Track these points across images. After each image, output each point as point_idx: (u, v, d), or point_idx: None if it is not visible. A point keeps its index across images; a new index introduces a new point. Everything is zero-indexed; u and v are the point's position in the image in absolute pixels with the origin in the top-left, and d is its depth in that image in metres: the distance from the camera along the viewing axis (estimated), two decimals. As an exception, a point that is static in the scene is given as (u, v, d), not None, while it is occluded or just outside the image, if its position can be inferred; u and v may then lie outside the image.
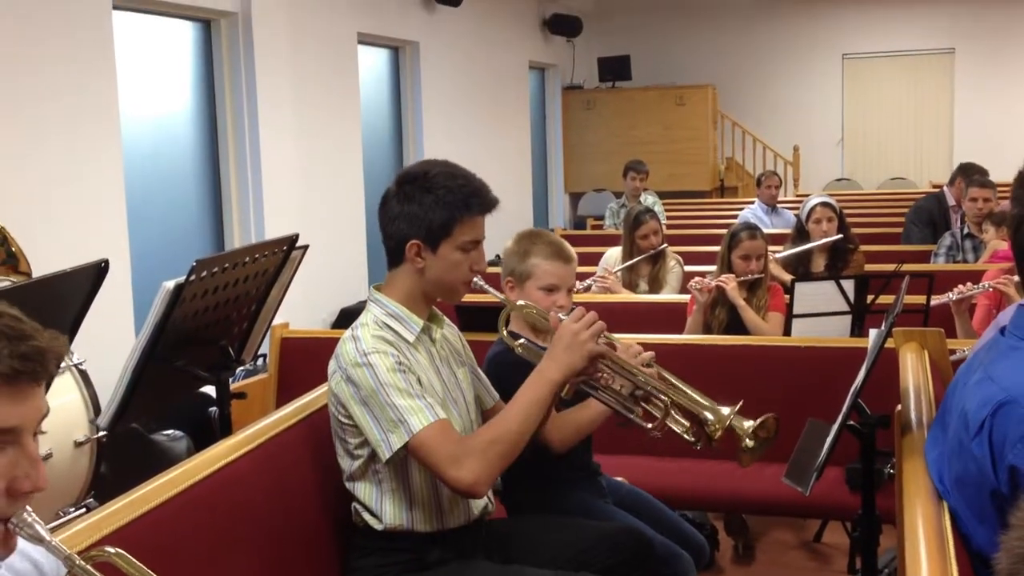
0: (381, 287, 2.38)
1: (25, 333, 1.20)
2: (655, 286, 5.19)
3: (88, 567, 1.32)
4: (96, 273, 2.80)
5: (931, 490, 1.74)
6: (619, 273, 5.24)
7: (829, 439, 2.28)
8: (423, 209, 2.27)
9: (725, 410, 2.25)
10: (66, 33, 5.17)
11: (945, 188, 6.57)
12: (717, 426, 2.24)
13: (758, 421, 2.24)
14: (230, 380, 3.24)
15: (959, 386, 1.80)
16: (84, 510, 2.83)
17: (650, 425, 2.33)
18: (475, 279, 2.34)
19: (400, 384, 2.18)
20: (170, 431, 4.40)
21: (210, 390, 3.26)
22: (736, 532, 4.10)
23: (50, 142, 5.09)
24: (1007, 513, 1.04)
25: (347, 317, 7.15)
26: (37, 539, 1.25)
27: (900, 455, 2.08)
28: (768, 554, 4.12)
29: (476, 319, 3.66)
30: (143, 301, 5.36)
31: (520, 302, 2.53)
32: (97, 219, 5.34)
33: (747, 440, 2.23)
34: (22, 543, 1.28)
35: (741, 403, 2.27)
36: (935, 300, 3.91)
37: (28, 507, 1.25)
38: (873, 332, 2.43)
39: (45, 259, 3.55)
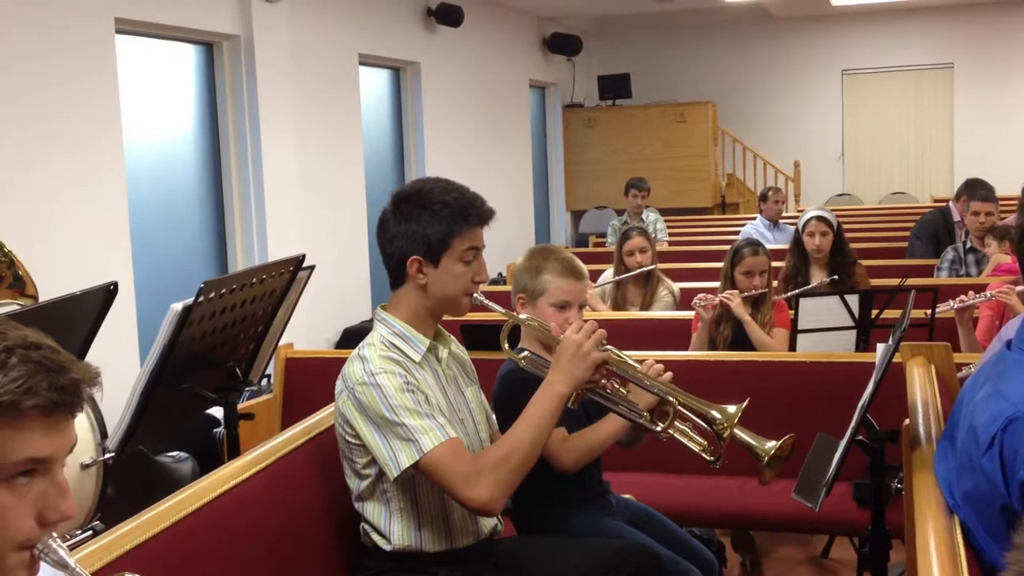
0: (387, 307, 2.38)
1: (63, 365, 1.20)
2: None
3: None
4: (105, 296, 2.80)
5: (942, 504, 1.74)
6: (603, 287, 5.19)
7: (838, 454, 2.28)
8: (421, 226, 2.28)
9: (731, 408, 2.28)
10: (69, 57, 5.20)
11: (951, 203, 6.57)
12: (725, 424, 2.26)
13: (778, 443, 2.25)
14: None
15: (966, 400, 1.80)
16: (91, 532, 2.83)
17: (659, 427, 2.34)
18: (476, 295, 2.34)
19: (409, 404, 2.18)
20: (175, 452, 4.39)
21: (214, 411, 3.26)
22: (743, 548, 4.09)
23: (53, 164, 5.11)
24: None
25: (350, 337, 7.15)
26: (62, 565, 1.24)
27: (909, 469, 2.08)
28: (775, 570, 4.11)
29: (479, 337, 3.67)
30: (147, 322, 5.37)
31: (522, 316, 2.53)
32: (101, 241, 5.35)
33: (766, 458, 2.24)
34: None
35: (748, 400, 2.28)
36: (938, 310, 3.91)
37: (53, 532, 1.26)
38: (880, 347, 2.42)
39: (49, 281, 3.55)
